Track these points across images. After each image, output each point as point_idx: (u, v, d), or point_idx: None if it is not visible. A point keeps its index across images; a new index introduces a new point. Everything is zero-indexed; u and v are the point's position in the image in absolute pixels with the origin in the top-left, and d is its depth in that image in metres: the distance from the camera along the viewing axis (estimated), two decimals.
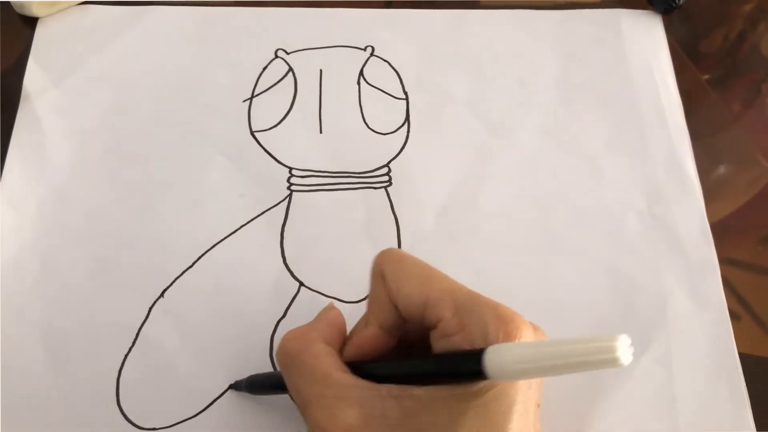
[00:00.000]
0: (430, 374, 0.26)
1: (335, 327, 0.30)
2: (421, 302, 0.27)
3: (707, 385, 0.35)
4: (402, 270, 0.28)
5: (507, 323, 0.25)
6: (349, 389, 0.26)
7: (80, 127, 0.41)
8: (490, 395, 0.25)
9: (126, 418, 0.34)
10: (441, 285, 0.27)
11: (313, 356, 0.28)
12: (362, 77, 0.43)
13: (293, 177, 0.40)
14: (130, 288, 0.37)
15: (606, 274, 0.38)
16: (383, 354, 0.29)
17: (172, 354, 0.35)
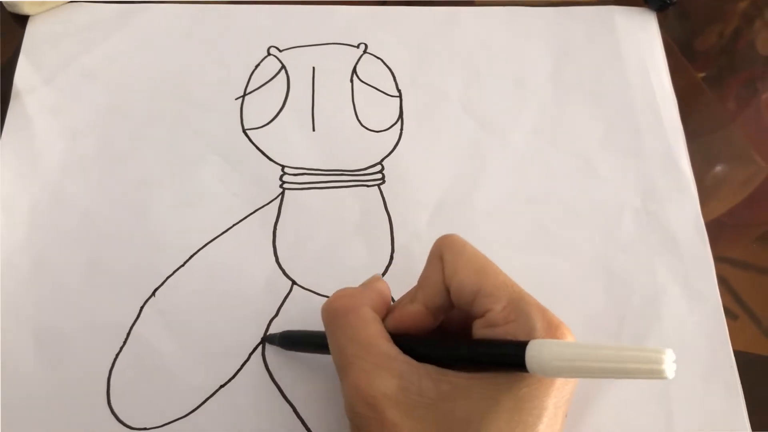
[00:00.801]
0: (473, 357, 0.27)
1: (382, 297, 0.31)
2: (473, 291, 0.28)
3: (702, 383, 0.35)
4: (461, 257, 0.29)
5: (553, 329, 0.26)
6: (390, 360, 0.27)
7: (72, 126, 0.40)
8: (525, 391, 0.26)
9: (116, 418, 0.34)
10: (496, 279, 0.28)
11: (360, 319, 0.29)
12: (355, 75, 0.43)
13: (286, 175, 0.40)
14: (122, 287, 0.36)
15: (600, 271, 0.38)
16: (421, 335, 0.30)
17: (163, 353, 0.35)
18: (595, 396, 0.35)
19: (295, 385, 0.35)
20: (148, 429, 0.33)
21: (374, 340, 0.28)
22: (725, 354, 0.36)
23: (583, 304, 0.37)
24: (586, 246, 0.38)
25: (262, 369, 0.35)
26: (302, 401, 0.34)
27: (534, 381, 0.26)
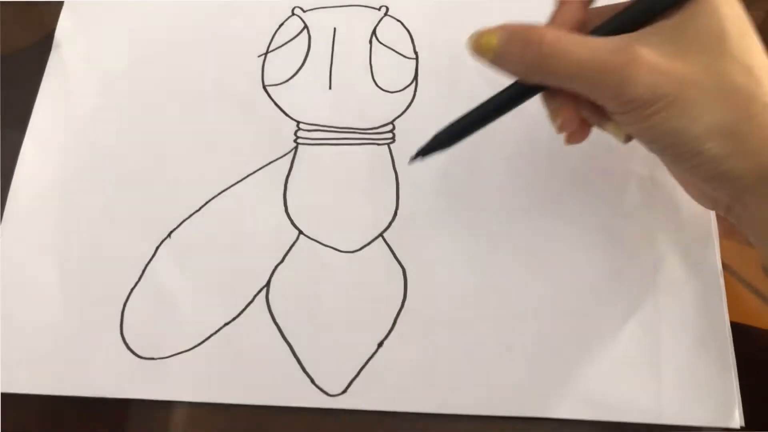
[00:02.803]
0: (651, 3, 0.29)
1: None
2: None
3: (694, 352, 0.36)
4: None
5: None
6: (611, 44, 0.28)
7: (104, 76, 0.43)
8: (693, 3, 0.28)
9: (127, 347, 0.36)
10: None
11: (564, 37, 0.29)
12: (374, 36, 0.44)
13: (300, 131, 0.41)
14: (141, 228, 0.39)
15: (599, 234, 0.38)
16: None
17: (174, 291, 0.37)
18: (585, 361, 0.36)
19: (294, 326, 0.37)
20: (155, 359, 0.36)
21: (592, 43, 0.29)
22: (721, 325, 0.36)
23: (580, 264, 0.38)
24: (588, 209, 0.39)
25: (265, 311, 0.37)
26: (300, 343, 0.36)
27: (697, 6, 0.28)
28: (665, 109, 0.28)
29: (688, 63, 0.28)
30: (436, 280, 0.38)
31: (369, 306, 0.37)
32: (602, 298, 0.37)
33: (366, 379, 0.36)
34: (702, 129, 0.28)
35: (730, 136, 0.28)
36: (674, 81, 0.28)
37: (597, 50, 0.28)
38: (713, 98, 0.28)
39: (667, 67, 0.28)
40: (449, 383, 0.35)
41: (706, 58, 0.28)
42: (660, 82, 0.28)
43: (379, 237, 0.39)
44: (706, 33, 0.28)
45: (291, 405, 0.35)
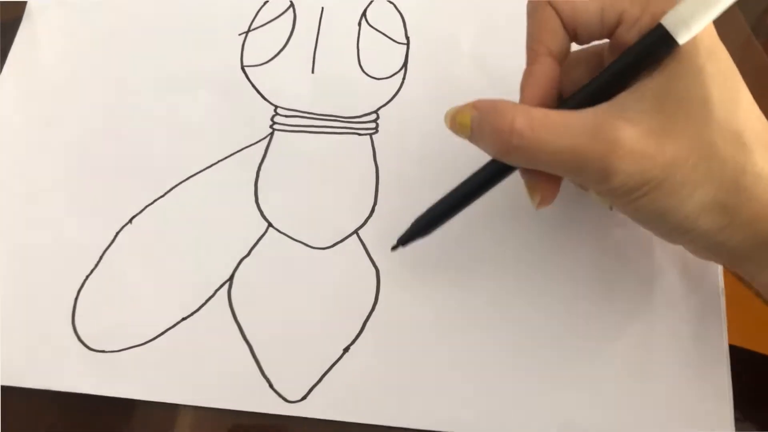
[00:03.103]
0: (629, 66, 0.27)
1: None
2: (598, 8, 0.28)
3: (688, 375, 0.33)
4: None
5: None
6: (605, 119, 0.26)
7: (75, 50, 0.41)
8: (674, 62, 0.26)
9: (78, 338, 0.34)
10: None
11: (537, 124, 0.27)
12: (364, 18, 0.41)
13: (277, 116, 0.39)
14: (101, 211, 0.37)
15: (594, 242, 0.35)
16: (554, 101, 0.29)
17: (131, 280, 0.35)
18: (566, 381, 0.33)
19: (255, 326, 0.34)
20: (106, 352, 0.34)
21: (568, 121, 0.27)
22: (718, 345, 0.33)
23: (573, 278, 0.35)
24: (582, 216, 0.36)
25: (226, 307, 0.35)
26: (260, 343, 0.34)
27: (684, 48, 0.26)
28: (651, 192, 0.27)
29: (673, 139, 0.26)
30: (411, 284, 0.35)
31: (337, 308, 0.34)
32: (591, 311, 0.34)
33: (328, 386, 0.33)
34: (692, 208, 0.27)
35: (722, 212, 0.27)
36: (660, 164, 0.26)
37: (574, 136, 0.26)
38: (702, 176, 0.26)
39: (652, 149, 0.26)
40: (418, 396, 0.33)
41: (691, 130, 0.26)
42: (644, 167, 0.26)
43: (354, 234, 0.36)
44: (689, 98, 0.26)
45: (245, 410, 0.33)
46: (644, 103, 0.26)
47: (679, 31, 0.26)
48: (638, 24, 0.27)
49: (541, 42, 0.29)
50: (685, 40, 0.26)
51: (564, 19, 0.29)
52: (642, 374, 0.33)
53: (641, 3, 0.27)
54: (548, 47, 0.29)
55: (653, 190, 0.26)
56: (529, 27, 0.30)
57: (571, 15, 0.28)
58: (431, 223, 0.32)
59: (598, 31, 0.29)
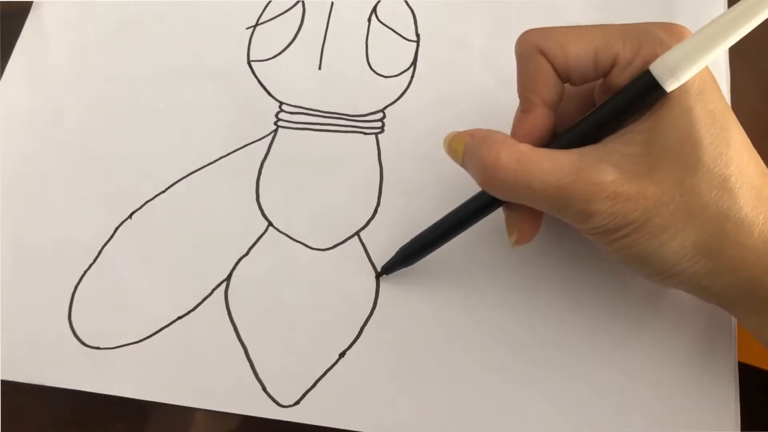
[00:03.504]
0: (617, 110, 0.27)
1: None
2: (591, 52, 0.27)
3: (694, 390, 0.32)
4: (560, 34, 0.28)
5: (679, 31, 0.26)
6: (586, 161, 0.26)
7: (83, 42, 0.40)
8: (662, 105, 0.26)
9: (74, 333, 0.34)
10: (602, 29, 0.28)
11: (524, 159, 0.27)
12: (374, 14, 0.40)
13: (282, 112, 0.38)
14: (102, 206, 0.36)
15: (600, 256, 0.34)
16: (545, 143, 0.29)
17: (129, 276, 0.35)
18: (566, 393, 0.32)
19: (251, 327, 0.34)
20: (101, 348, 0.34)
21: (557, 161, 0.27)
22: (727, 366, 0.32)
23: (576, 288, 0.33)
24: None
25: (222, 307, 0.34)
26: (255, 345, 0.33)
27: (673, 95, 0.26)
28: (631, 234, 0.26)
29: (656, 182, 0.26)
30: (411, 288, 0.34)
31: (334, 311, 0.34)
32: (597, 325, 0.33)
33: (322, 391, 0.32)
34: (673, 251, 0.26)
35: (705, 256, 0.27)
36: (640, 207, 0.26)
37: (559, 175, 0.26)
38: (683, 220, 0.26)
39: (633, 192, 0.26)
40: (413, 405, 0.32)
41: (676, 174, 0.26)
42: (624, 210, 0.26)
43: (355, 236, 0.35)
44: (677, 142, 0.26)
45: (236, 412, 0.32)
46: (632, 146, 0.26)
47: (666, 79, 0.25)
48: (631, 66, 0.27)
49: (534, 92, 0.29)
50: (673, 88, 0.25)
51: (557, 67, 0.28)
52: (648, 390, 0.32)
53: (633, 46, 0.27)
54: (542, 98, 0.29)
55: (633, 232, 0.26)
56: (521, 75, 0.30)
57: (564, 62, 0.28)
58: (415, 253, 0.32)
59: (592, 74, 0.28)
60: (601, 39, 0.27)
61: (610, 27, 0.28)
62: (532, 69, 0.29)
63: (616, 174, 0.26)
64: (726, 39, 0.24)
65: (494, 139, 0.28)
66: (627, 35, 0.27)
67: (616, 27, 0.28)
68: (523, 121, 0.29)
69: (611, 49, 0.27)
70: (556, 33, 0.28)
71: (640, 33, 0.27)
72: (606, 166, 0.26)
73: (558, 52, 0.28)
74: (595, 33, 0.28)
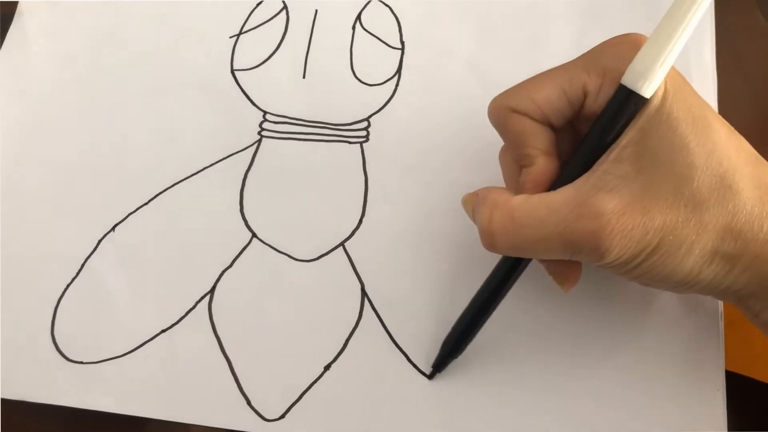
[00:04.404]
0: (603, 134, 0.26)
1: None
2: (560, 92, 0.27)
3: (681, 399, 0.31)
4: (525, 88, 0.28)
5: (635, 40, 0.26)
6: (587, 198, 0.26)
7: (66, 52, 0.40)
8: (641, 116, 0.26)
9: (56, 347, 0.34)
10: (563, 68, 0.28)
11: (518, 214, 0.27)
12: (359, 21, 0.40)
13: (266, 122, 0.38)
14: (84, 218, 0.36)
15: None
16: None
17: (112, 290, 0.35)
18: (552, 403, 0.32)
19: (235, 340, 0.33)
20: (84, 363, 0.33)
21: (559, 204, 0.26)
22: (715, 370, 0.32)
23: (567, 297, 0.33)
24: None
25: (206, 319, 0.34)
26: (240, 358, 0.33)
27: (651, 107, 0.26)
28: (649, 258, 0.26)
29: (658, 202, 0.25)
30: (396, 299, 0.34)
31: (319, 324, 0.34)
32: (582, 330, 0.33)
33: (307, 404, 0.32)
34: (692, 263, 0.26)
35: (723, 259, 0.26)
36: (651, 230, 0.25)
37: (555, 220, 0.26)
38: (695, 231, 0.26)
39: (639, 218, 0.25)
40: (398, 417, 0.32)
41: (673, 186, 0.25)
42: (636, 238, 0.25)
43: (340, 246, 0.35)
44: (665, 150, 0.25)
45: (221, 426, 0.32)
46: (623, 166, 0.26)
47: (641, 85, 0.25)
48: (602, 91, 0.27)
49: (527, 146, 0.28)
50: (651, 92, 0.25)
51: (534, 118, 0.28)
52: (635, 398, 0.32)
53: (598, 72, 0.27)
54: (538, 148, 0.28)
55: (650, 256, 0.26)
56: (507, 139, 0.30)
57: (538, 111, 0.28)
58: (460, 340, 0.31)
59: (569, 112, 0.28)
60: (565, 77, 0.27)
61: (571, 63, 0.28)
62: (513, 129, 0.28)
63: (616, 202, 0.25)
64: (682, 30, 0.24)
65: (489, 200, 0.28)
66: (588, 63, 0.27)
67: (577, 60, 0.28)
68: (529, 173, 0.28)
69: (578, 83, 0.27)
70: (521, 88, 0.28)
71: (599, 56, 0.27)
72: (603, 194, 0.25)
73: (529, 105, 0.28)
74: (557, 73, 0.28)
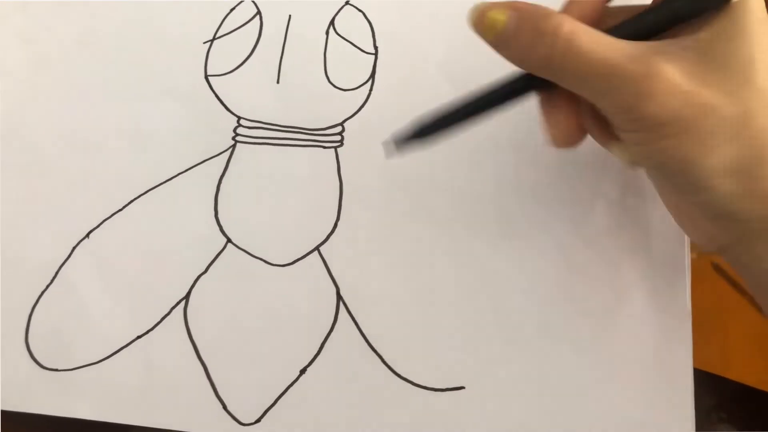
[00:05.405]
0: (677, 12, 0.26)
1: None
2: None
3: (651, 399, 0.32)
4: None
5: None
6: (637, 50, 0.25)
7: (39, 57, 0.40)
8: (722, 19, 0.25)
9: (31, 355, 0.34)
10: None
11: (582, 32, 0.25)
12: (332, 27, 0.40)
13: (240, 127, 0.38)
14: (58, 225, 0.36)
15: (557, 259, 0.34)
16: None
17: (87, 297, 0.35)
18: (520, 405, 0.32)
19: (211, 345, 0.34)
20: (59, 370, 0.33)
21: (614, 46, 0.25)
22: (683, 370, 0.32)
23: (535, 298, 0.34)
24: (546, 231, 0.35)
25: (182, 325, 0.34)
26: (215, 363, 0.33)
27: (732, 15, 0.25)
28: (680, 134, 0.25)
29: (711, 87, 0.25)
30: (372, 303, 0.34)
31: (295, 328, 0.34)
32: (552, 330, 0.33)
33: (283, 408, 0.32)
34: (714, 163, 0.25)
35: (744, 176, 0.25)
36: (694, 106, 0.25)
37: (615, 54, 0.25)
38: (732, 132, 0.25)
39: (689, 90, 0.24)
40: (374, 420, 0.32)
41: (730, 87, 0.25)
42: (679, 104, 0.25)
43: (315, 251, 0.35)
44: (733, 58, 0.25)
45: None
46: (687, 51, 0.25)
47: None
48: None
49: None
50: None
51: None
52: (603, 396, 0.32)
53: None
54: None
55: (681, 132, 0.25)
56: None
57: None
58: (432, 127, 0.29)
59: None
60: None
61: None
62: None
63: (673, 66, 0.25)
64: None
65: (550, 10, 0.26)
66: None
67: None
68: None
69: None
70: None
71: None
72: (663, 57, 0.25)
73: None
74: None
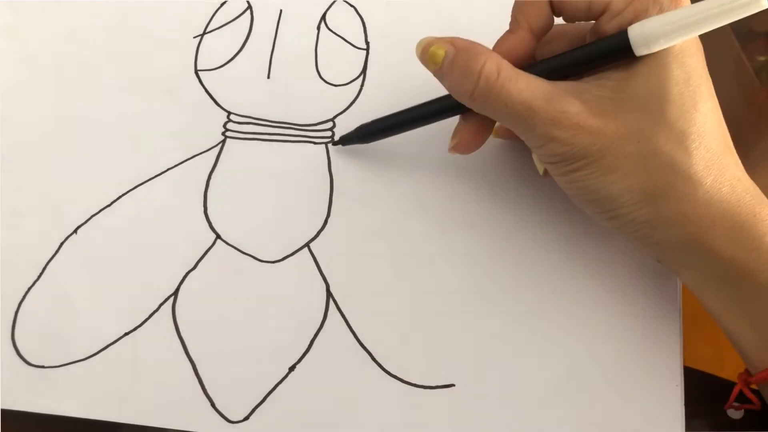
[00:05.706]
0: (593, 57, 0.28)
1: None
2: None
3: (641, 396, 0.32)
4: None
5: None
6: (553, 90, 0.28)
7: (25, 51, 0.39)
8: (642, 60, 0.27)
9: (17, 352, 0.33)
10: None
11: (504, 74, 0.28)
12: (324, 22, 0.40)
13: (230, 122, 0.37)
14: (45, 221, 0.36)
15: (547, 261, 0.34)
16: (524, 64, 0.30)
17: (74, 293, 0.34)
18: (507, 399, 0.32)
19: (200, 342, 0.33)
20: (45, 367, 0.33)
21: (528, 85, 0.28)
22: (673, 371, 0.32)
23: (527, 296, 0.34)
24: (539, 234, 0.35)
25: (170, 322, 0.34)
26: (204, 361, 0.33)
27: (648, 59, 0.27)
28: (585, 168, 0.28)
29: (618, 123, 0.27)
30: (362, 300, 0.34)
31: (284, 325, 0.33)
32: (542, 328, 0.33)
33: (272, 406, 0.32)
34: (618, 192, 0.28)
35: (648, 204, 0.28)
36: (599, 143, 0.27)
37: (532, 94, 0.28)
38: (635, 165, 0.27)
39: (594, 127, 0.27)
40: (363, 417, 0.32)
41: (638, 121, 0.27)
42: (583, 142, 0.27)
43: (305, 247, 0.35)
44: (646, 93, 0.27)
45: (184, 429, 0.32)
46: (602, 90, 0.27)
47: (639, 46, 0.27)
48: (620, 17, 0.28)
49: (523, 14, 0.29)
50: (643, 54, 0.27)
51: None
52: (592, 394, 0.32)
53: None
54: (529, 23, 0.29)
55: (587, 166, 0.28)
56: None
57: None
58: (371, 133, 0.35)
59: (584, 14, 0.29)
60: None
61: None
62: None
63: (582, 107, 0.27)
64: (712, 22, 0.25)
65: (480, 49, 0.29)
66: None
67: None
68: (506, 39, 0.30)
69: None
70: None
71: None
72: (575, 99, 0.27)
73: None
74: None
